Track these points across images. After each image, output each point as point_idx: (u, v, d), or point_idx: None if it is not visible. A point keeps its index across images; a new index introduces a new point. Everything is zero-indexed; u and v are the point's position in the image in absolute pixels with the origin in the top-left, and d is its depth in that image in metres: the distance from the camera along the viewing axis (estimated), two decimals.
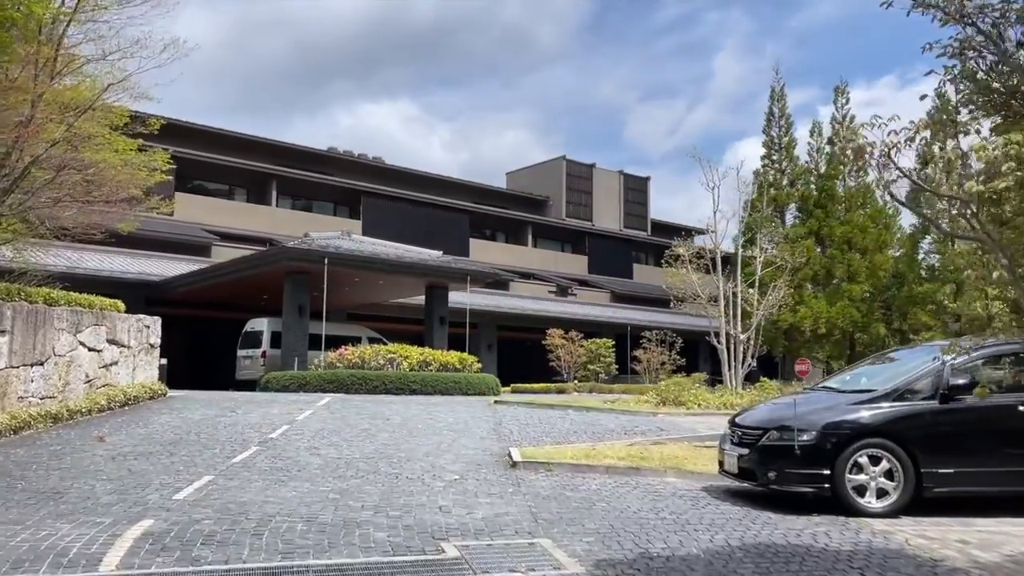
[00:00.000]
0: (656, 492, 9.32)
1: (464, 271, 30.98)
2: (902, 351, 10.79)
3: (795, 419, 8.29)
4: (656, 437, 12.76)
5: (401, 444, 12.05)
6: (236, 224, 42.26)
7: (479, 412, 16.29)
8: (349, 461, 10.54)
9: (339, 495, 8.55)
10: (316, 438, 12.33)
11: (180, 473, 9.51)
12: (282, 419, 14.31)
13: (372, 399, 18.56)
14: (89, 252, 32.06)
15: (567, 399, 19.35)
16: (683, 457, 10.88)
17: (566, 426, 14.57)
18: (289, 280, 27.66)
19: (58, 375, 13.76)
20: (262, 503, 8.03)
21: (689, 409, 17.23)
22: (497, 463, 10.78)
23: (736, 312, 20.20)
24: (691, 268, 21.15)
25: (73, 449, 10.94)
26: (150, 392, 16.63)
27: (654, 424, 14.87)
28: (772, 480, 8.37)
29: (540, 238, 59.18)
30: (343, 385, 24.08)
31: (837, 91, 36.56)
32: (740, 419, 9.43)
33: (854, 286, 32.59)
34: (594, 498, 8.82)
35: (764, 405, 10.13)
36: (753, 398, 17.98)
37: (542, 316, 44.29)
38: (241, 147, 46.71)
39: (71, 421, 13.27)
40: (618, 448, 11.28)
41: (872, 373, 9.65)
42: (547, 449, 11.37)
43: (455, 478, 9.67)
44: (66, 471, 9.50)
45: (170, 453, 10.78)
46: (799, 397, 9.49)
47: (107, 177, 19.54)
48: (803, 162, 36.42)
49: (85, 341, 14.75)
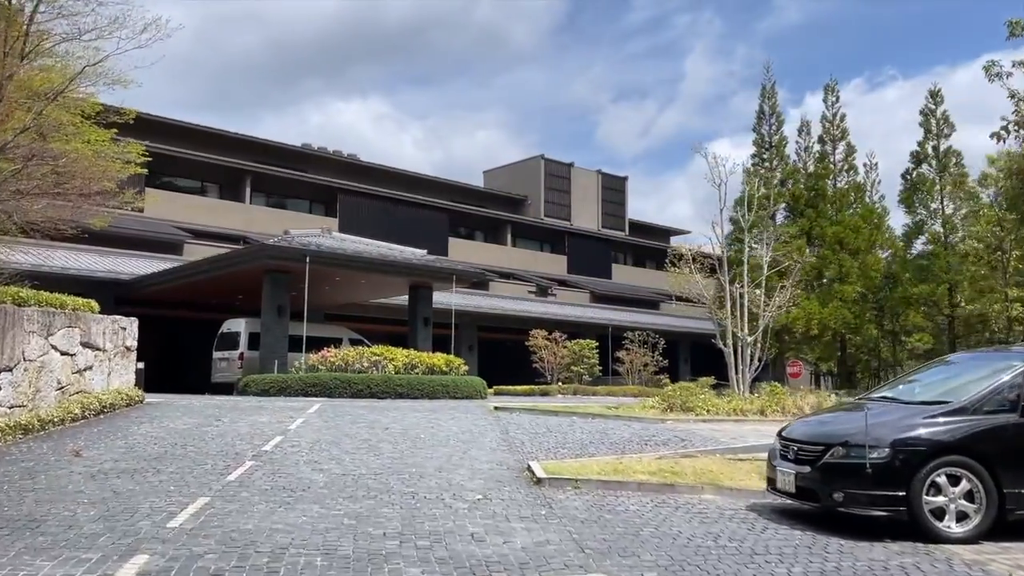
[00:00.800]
0: (701, 513, 8.49)
1: (450, 270, 30.03)
2: (961, 356, 10.04)
3: (865, 435, 7.47)
4: (680, 449, 11.93)
5: (408, 457, 11.11)
6: (209, 222, 40.92)
7: (481, 420, 15.38)
8: (356, 478, 9.59)
9: (355, 520, 7.61)
10: (315, 451, 11.35)
11: (171, 494, 8.50)
12: (273, 429, 13.30)
13: (365, 406, 17.57)
14: (56, 249, 30.70)
15: (570, 405, 18.51)
16: (717, 472, 10.06)
17: (578, 435, 13.70)
18: (268, 279, 26.55)
19: (28, 382, 12.65)
20: (270, 531, 7.08)
21: (698, 415, 16.44)
22: (518, 479, 9.89)
23: (743, 314, 19.47)
24: (695, 268, 20.39)
25: (47, 466, 9.87)
26: (127, 399, 15.51)
27: (669, 433, 14.04)
28: (839, 502, 7.55)
29: (519, 237, 58.35)
30: (326, 389, 23.06)
31: (827, 89, 36.22)
32: (791, 432, 8.60)
33: (846, 287, 32.11)
34: (637, 521, 7.96)
35: (814, 417, 9.34)
36: (764, 403, 17.24)
37: (523, 317, 43.46)
38: (213, 143, 45.34)
39: (43, 432, 12.16)
40: (646, 462, 10.43)
41: (932, 381, 8.88)
42: (570, 463, 10.49)
43: (478, 498, 8.76)
44: (41, 493, 8.46)
45: (156, 470, 9.75)
46: (853, 409, 8.69)
47: (78, 169, 18.39)
48: (792, 161, 35.88)
49: (57, 344, 13.63)
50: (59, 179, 17.77)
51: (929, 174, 33.04)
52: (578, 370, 39.75)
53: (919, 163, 33.24)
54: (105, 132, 18.78)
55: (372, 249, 29.00)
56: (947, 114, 32.97)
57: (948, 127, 32.75)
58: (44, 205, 18.60)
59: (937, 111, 32.92)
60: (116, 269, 31.50)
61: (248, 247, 28.94)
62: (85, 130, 18.47)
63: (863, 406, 8.50)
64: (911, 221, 33.43)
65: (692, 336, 51.59)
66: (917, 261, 31.10)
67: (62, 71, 16.67)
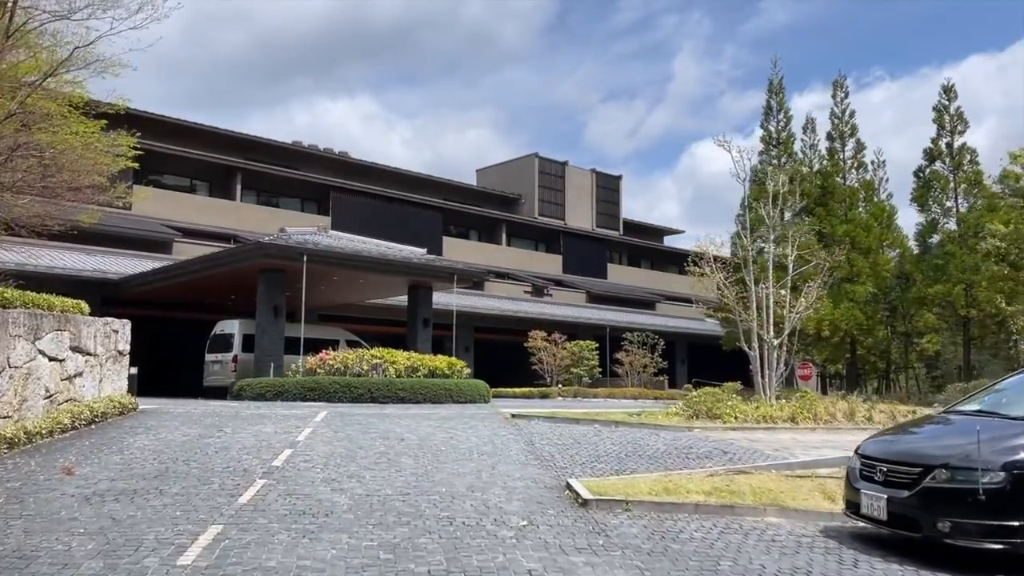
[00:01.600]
0: (775, 541, 7.59)
1: (451, 270, 29.07)
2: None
3: (975, 457, 6.58)
4: (728, 464, 11.03)
5: (432, 473, 10.15)
6: (199, 220, 39.77)
7: (500, 429, 14.42)
8: (383, 500, 8.62)
9: (391, 554, 6.66)
10: (330, 466, 10.37)
11: (178, 522, 7.51)
12: (280, 440, 12.30)
13: (373, 413, 16.58)
14: (40, 248, 29.53)
15: (589, 412, 17.57)
16: (777, 491, 9.16)
17: (608, 446, 12.77)
18: (263, 278, 25.51)
19: (13, 390, 11.60)
20: (298, 571, 6.11)
21: (726, 423, 15.55)
22: (559, 500, 8.95)
23: (769, 315, 18.59)
24: (716, 267, 19.48)
25: (36, 486, 8.86)
26: (119, 407, 14.46)
27: (706, 444, 13.12)
28: (945, 533, 6.65)
29: (513, 237, 57.39)
30: (325, 393, 22.09)
31: (835, 85, 35.36)
32: (873, 451, 7.68)
33: (858, 286, 31.31)
34: (709, 552, 7.05)
35: (898, 434, 8.43)
36: (795, 410, 16.36)
37: (521, 317, 42.53)
38: (203, 139, 44.20)
39: (30, 446, 11.13)
40: (697, 480, 9.52)
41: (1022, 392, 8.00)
42: (613, 481, 9.56)
43: (523, 524, 7.82)
44: (30, 520, 7.46)
45: (159, 491, 8.75)
46: (944, 424, 7.81)
47: (66, 161, 17.36)
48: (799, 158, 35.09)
49: (45, 349, 12.58)
50: (46, 172, 16.73)
51: (943, 171, 32.30)
52: (578, 372, 38.83)
53: (932, 160, 32.52)
54: (94, 123, 17.74)
55: (371, 248, 28.01)
56: (961, 110, 32.32)
57: (962, 123, 32.10)
58: (29, 200, 17.56)
59: (951, 107, 32.22)
60: (103, 268, 30.38)
61: (244, 245, 27.86)
62: (73, 121, 17.44)
63: (954, 420, 7.63)
64: (924, 219, 32.70)
65: (688, 337, 50.82)
66: (933, 260, 30.32)
67: (50, 57, 15.66)
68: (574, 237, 59.73)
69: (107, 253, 32.59)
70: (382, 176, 52.78)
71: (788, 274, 19.34)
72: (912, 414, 17.55)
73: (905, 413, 17.17)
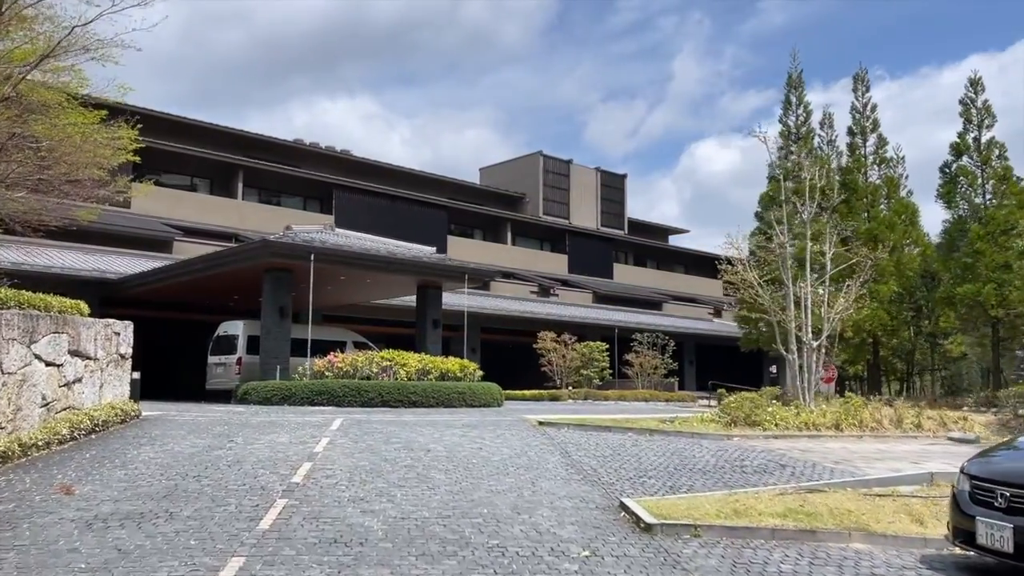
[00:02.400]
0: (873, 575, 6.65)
1: (462, 269, 28.10)
2: None
3: None
4: (791, 480, 10.09)
5: (470, 491, 9.19)
6: (200, 218, 38.81)
7: (531, 439, 13.45)
8: (420, 523, 7.67)
9: None
10: (355, 483, 9.40)
11: (193, 553, 6.56)
12: (296, 452, 11.33)
13: (392, 420, 15.62)
14: (37, 246, 28.55)
15: (618, 418, 16.66)
16: (858, 512, 8.23)
17: (651, 458, 11.82)
18: (269, 278, 24.54)
19: (7, 398, 10.64)
20: None
21: (767, 430, 14.60)
22: (617, 523, 8.01)
23: (807, 316, 17.63)
24: (749, 265, 18.54)
25: (32, 509, 7.90)
26: (121, 414, 13.49)
27: (758, 455, 12.17)
28: None
29: (518, 236, 56.43)
30: (334, 397, 21.14)
31: (856, 79, 34.36)
32: (990, 472, 6.73)
33: (882, 286, 30.34)
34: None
35: (1012, 451, 7.48)
36: (839, 416, 15.41)
37: (528, 317, 41.58)
38: (204, 137, 43.26)
39: (25, 460, 10.17)
40: (767, 499, 8.59)
41: None
42: (673, 501, 8.62)
43: (584, 554, 6.88)
44: (25, 553, 6.51)
45: (169, 514, 7.80)
46: None
47: (64, 153, 16.42)
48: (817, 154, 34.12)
49: (42, 353, 11.61)
50: (42, 164, 15.79)
51: (970, 166, 31.34)
52: (588, 373, 37.89)
53: (959, 155, 31.53)
54: (93, 113, 16.80)
55: (380, 246, 27.06)
56: (988, 104, 31.29)
57: (990, 117, 31.10)
58: (25, 194, 16.62)
59: (977, 100, 31.24)
60: (102, 267, 29.40)
61: (249, 243, 26.86)
62: (71, 112, 16.50)
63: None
64: (951, 216, 31.73)
65: (697, 337, 49.86)
66: (962, 259, 29.38)
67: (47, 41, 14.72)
68: (579, 236, 58.80)
69: (106, 252, 31.63)
70: (385, 174, 51.84)
71: (827, 272, 18.38)
72: (963, 420, 16.64)
73: (956, 420, 16.26)
